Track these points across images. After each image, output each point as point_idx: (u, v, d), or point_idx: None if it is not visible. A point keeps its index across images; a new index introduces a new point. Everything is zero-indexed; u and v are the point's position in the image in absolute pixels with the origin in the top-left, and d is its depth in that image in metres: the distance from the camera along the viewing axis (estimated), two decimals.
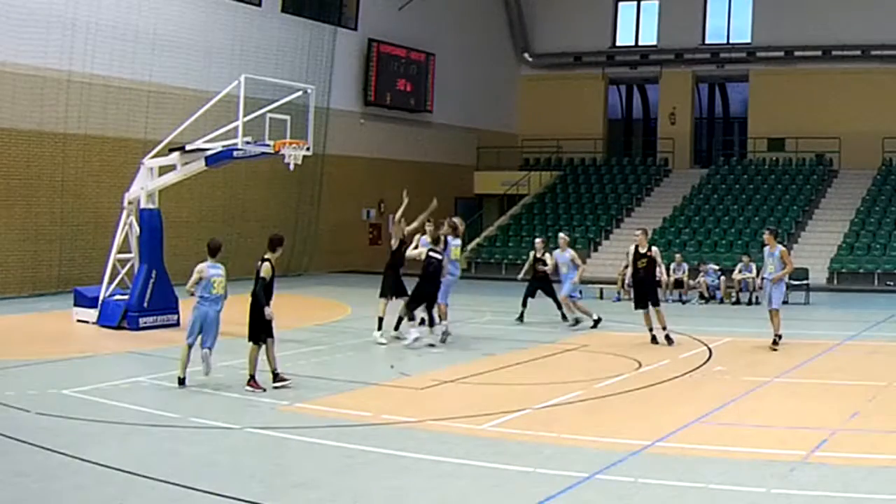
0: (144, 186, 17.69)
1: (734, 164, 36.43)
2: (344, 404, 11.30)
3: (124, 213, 18.05)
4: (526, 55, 39.78)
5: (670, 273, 23.57)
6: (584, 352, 15.73)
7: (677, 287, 24.26)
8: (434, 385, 12.64)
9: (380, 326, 16.17)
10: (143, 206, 17.64)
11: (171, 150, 17.74)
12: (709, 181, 35.15)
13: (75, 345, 15.86)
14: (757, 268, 21.45)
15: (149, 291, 17.23)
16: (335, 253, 31.73)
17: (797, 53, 35.20)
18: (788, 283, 19.23)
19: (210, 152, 17.19)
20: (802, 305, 22.59)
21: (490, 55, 38.17)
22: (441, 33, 35.25)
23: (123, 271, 18.04)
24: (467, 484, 8.27)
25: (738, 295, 23.50)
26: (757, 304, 21.74)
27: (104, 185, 23.18)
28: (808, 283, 23.53)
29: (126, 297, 17.45)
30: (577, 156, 38.55)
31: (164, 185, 17.86)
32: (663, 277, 18.60)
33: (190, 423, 10.24)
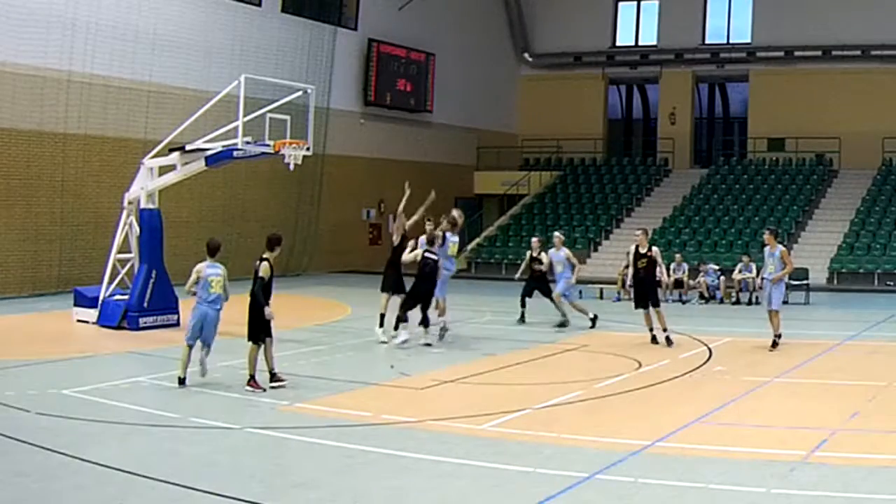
0: (144, 186, 17.69)
1: (734, 164, 36.41)
2: (344, 404, 11.30)
3: (124, 213, 18.04)
4: (526, 55, 39.77)
5: (670, 273, 23.56)
6: (585, 352, 15.73)
7: (677, 287, 24.25)
8: (434, 385, 12.64)
9: (381, 323, 16.19)
10: (143, 206, 17.64)
11: (171, 150, 17.73)
12: (709, 181, 35.14)
13: (75, 345, 15.85)
14: (757, 268, 21.45)
15: (149, 291, 17.23)
16: (335, 253, 31.72)
17: (797, 53, 35.20)
18: (788, 283, 19.24)
19: (210, 152, 17.18)
20: (802, 305, 22.59)
21: (490, 55, 38.15)
22: (441, 33, 35.25)
23: (123, 271, 18.03)
24: (467, 484, 8.27)
25: (738, 295, 23.50)
26: (757, 304, 21.72)
27: (104, 185, 23.17)
28: (808, 283, 23.54)
29: (126, 297, 17.44)
30: (577, 156, 38.54)
31: (164, 185, 17.86)
32: (664, 277, 18.60)
33: (190, 423, 10.24)
